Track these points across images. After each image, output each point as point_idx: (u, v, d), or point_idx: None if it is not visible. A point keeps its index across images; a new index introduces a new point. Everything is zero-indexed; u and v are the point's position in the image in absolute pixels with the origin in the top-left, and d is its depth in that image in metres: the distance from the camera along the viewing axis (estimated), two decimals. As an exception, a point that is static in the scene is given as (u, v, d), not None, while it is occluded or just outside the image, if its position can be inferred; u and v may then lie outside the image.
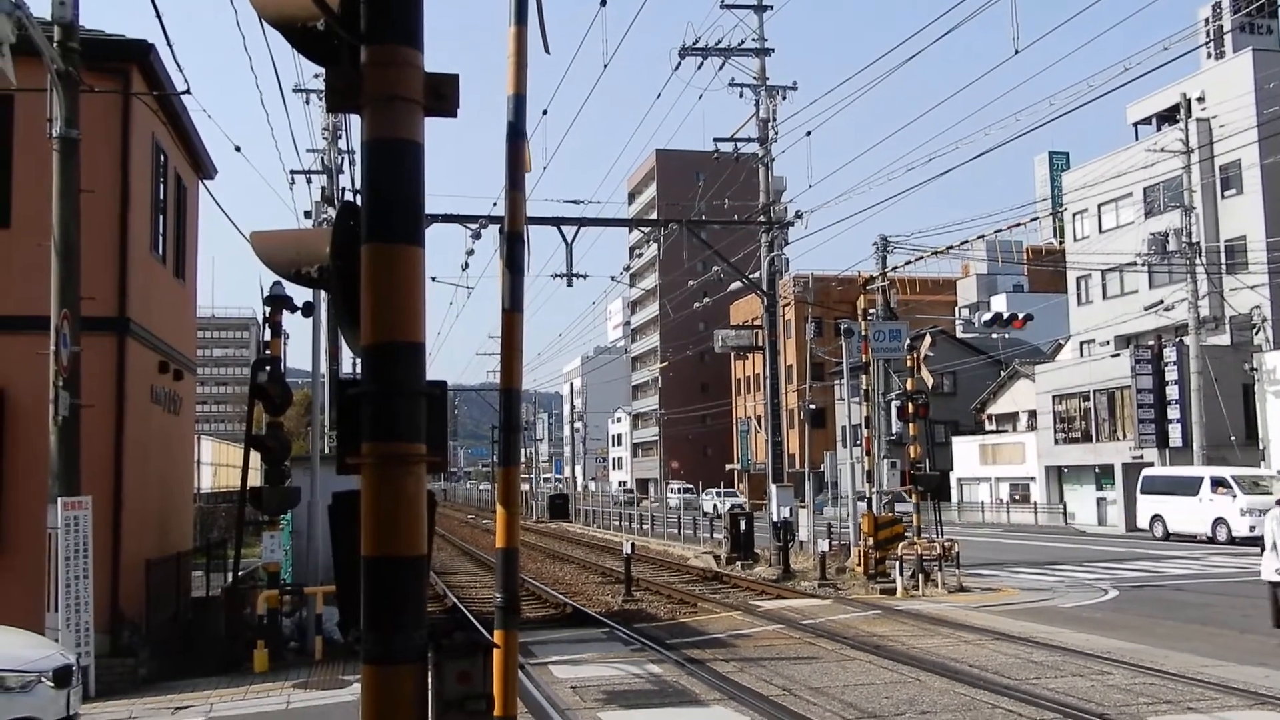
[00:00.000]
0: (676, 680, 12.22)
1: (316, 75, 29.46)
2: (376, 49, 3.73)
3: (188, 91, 13.60)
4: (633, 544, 23.91)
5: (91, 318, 12.14)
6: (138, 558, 14.19)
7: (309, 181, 30.90)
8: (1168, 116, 45.76)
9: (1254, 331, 38.68)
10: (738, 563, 26.39)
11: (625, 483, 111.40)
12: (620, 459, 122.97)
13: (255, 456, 14.97)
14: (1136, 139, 48.76)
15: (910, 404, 22.44)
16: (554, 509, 60.21)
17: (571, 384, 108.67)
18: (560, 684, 12.00)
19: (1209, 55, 46.10)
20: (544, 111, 28.00)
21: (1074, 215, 51.76)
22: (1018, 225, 31.88)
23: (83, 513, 11.33)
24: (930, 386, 25.08)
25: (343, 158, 30.25)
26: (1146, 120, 49.36)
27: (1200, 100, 42.63)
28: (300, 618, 14.95)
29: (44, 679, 8.24)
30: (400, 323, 3.70)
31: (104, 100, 13.16)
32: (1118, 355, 43.44)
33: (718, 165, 30.31)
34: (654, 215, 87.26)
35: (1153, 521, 35.81)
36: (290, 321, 15.87)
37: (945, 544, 20.91)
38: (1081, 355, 49.57)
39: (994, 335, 55.29)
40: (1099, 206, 48.90)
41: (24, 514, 12.57)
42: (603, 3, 21.47)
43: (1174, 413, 38.11)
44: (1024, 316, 36.10)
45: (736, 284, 33.10)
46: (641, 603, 20.85)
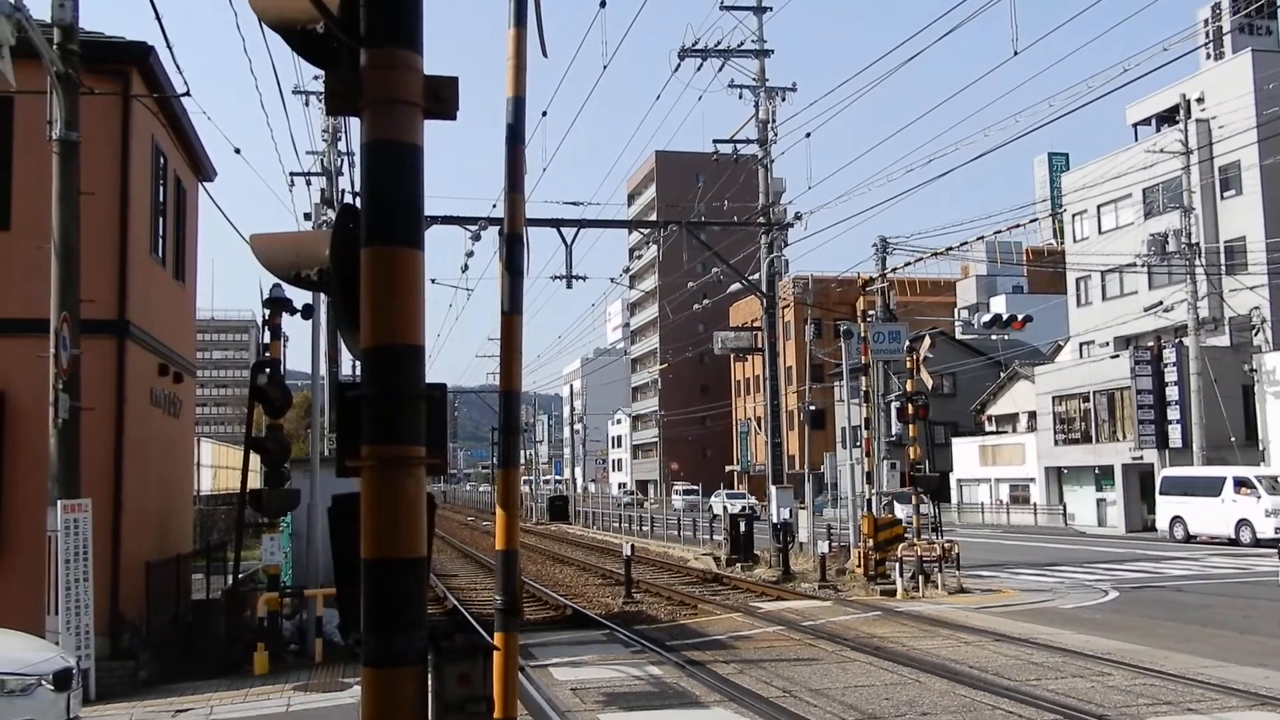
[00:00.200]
0: (677, 682, 12.22)
1: (316, 77, 29.49)
2: (376, 52, 3.74)
3: (187, 94, 13.62)
4: (632, 546, 23.90)
5: (91, 320, 12.14)
6: (138, 560, 14.19)
7: (308, 183, 30.91)
8: (1167, 117, 45.79)
9: (1253, 332, 38.69)
10: (738, 564, 26.38)
11: (625, 484, 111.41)
12: (620, 461, 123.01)
13: (255, 459, 14.98)
14: (1136, 140, 48.79)
15: (910, 405, 22.45)
16: (554, 511, 60.30)
17: (571, 386, 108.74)
18: (560, 686, 12.00)
19: (1208, 56, 46.14)
20: (543, 113, 28.00)
21: (1073, 216, 51.78)
22: (1017, 226, 31.96)
23: (82, 515, 11.33)
24: (930, 388, 25.09)
25: (342, 160, 30.28)
26: (1146, 121, 49.40)
27: (1200, 101, 42.65)
28: (300, 620, 14.95)
29: (44, 682, 8.23)
30: (400, 325, 3.71)
31: (104, 102, 13.16)
32: (1117, 356, 43.44)
33: (717, 167, 30.32)
34: (653, 217, 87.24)
35: (1173, 523, 34.89)
36: (290, 324, 15.94)
37: (945, 545, 20.92)
38: (1081, 356, 49.58)
39: (993, 336, 55.33)
40: (1098, 207, 48.92)
41: (24, 516, 12.56)
42: (602, 4, 21.50)
43: (1174, 414, 38.06)
44: (1023, 318, 36.00)
45: (736, 285, 33.14)
46: (642, 604, 20.85)
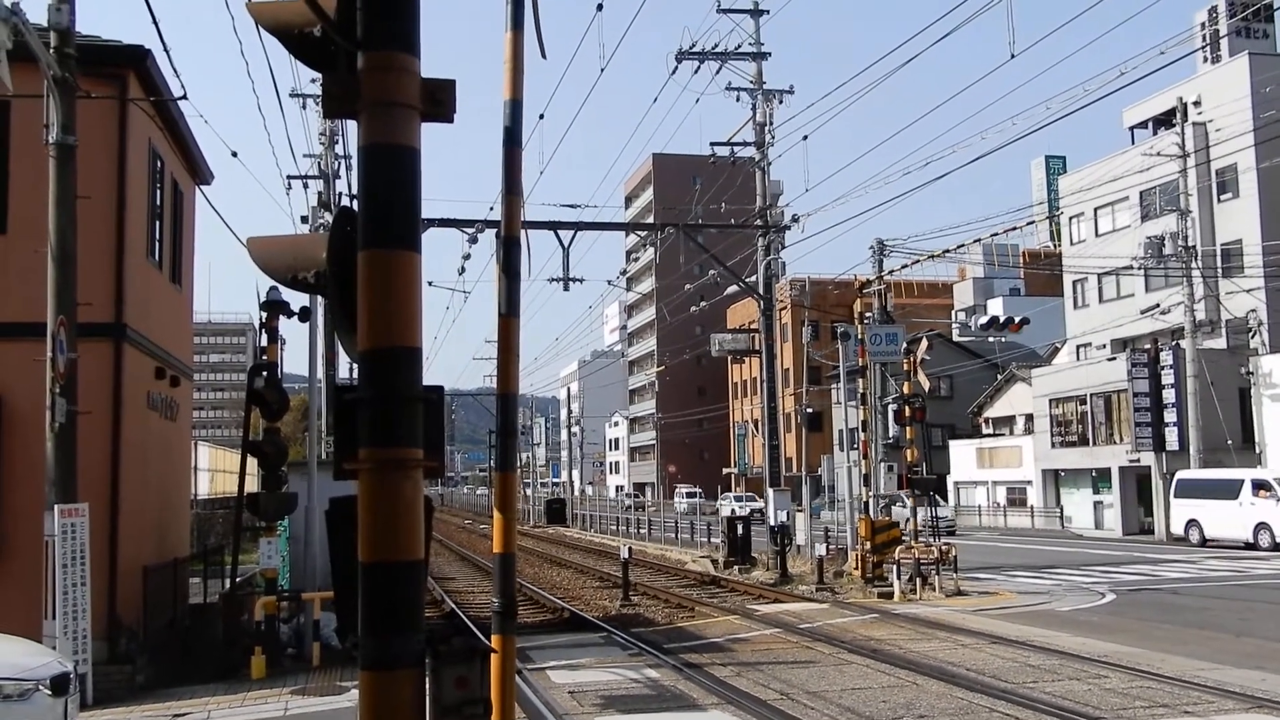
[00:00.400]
0: (674, 685, 12.22)
1: (313, 80, 29.49)
2: (373, 55, 3.75)
3: (184, 97, 13.66)
4: (630, 548, 23.90)
5: (88, 324, 12.13)
6: (135, 564, 14.17)
7: (305, 186, 30.87)
8: (1164, 120, 45.82)
9: (1250, 335, 38.73)
10: (735, 567, 26.38)
11: (622, 487, 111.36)
12: (617, 463, 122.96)
13: (252, 462, 14.98)
14: (1133, 143, 48.81)
15: (907, 407, 22.46)
16: (551, 513, 60.41)
17: (568, 388, 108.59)
18: (558, 689, 11.99)
19: (1205, 59, 46.20)
20: (540, 116, 27.98)
21: (1070, 219, 51.80)
22: (1014, 229, 31.87)
23: (79, 519, 11.31)
24: (927, 390, 25.07)
25: (339, 163, 30.25)
26: (1143, 124, 49.44)
27: (1197, 104, 42.69)
28: (298, 624, 14.94)
29: (41, 687, 8.21)
30: (397, 328, 3.71)
31: (101, 106, 13.16)
32: (1114, 359, 43.45)
33: (714, 169, 30.33)
34: (651, 219, 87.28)
35: (1188, 527, 34.16)
36: (287, 327, 15.88)
37: (942, 548, 20.93)
38: (1078, 359, 49.59)
39: (990, 339, 55.37)
40: (1095, 210, 48.95)
41: (22, 520, 12.54)
42: (599, 7, 21.52)
43: (1170, 416, 38.05)
44: (1020, 320, 36.02)
45: (733, 288, 33.12)
46: (639, 607, 20.84)
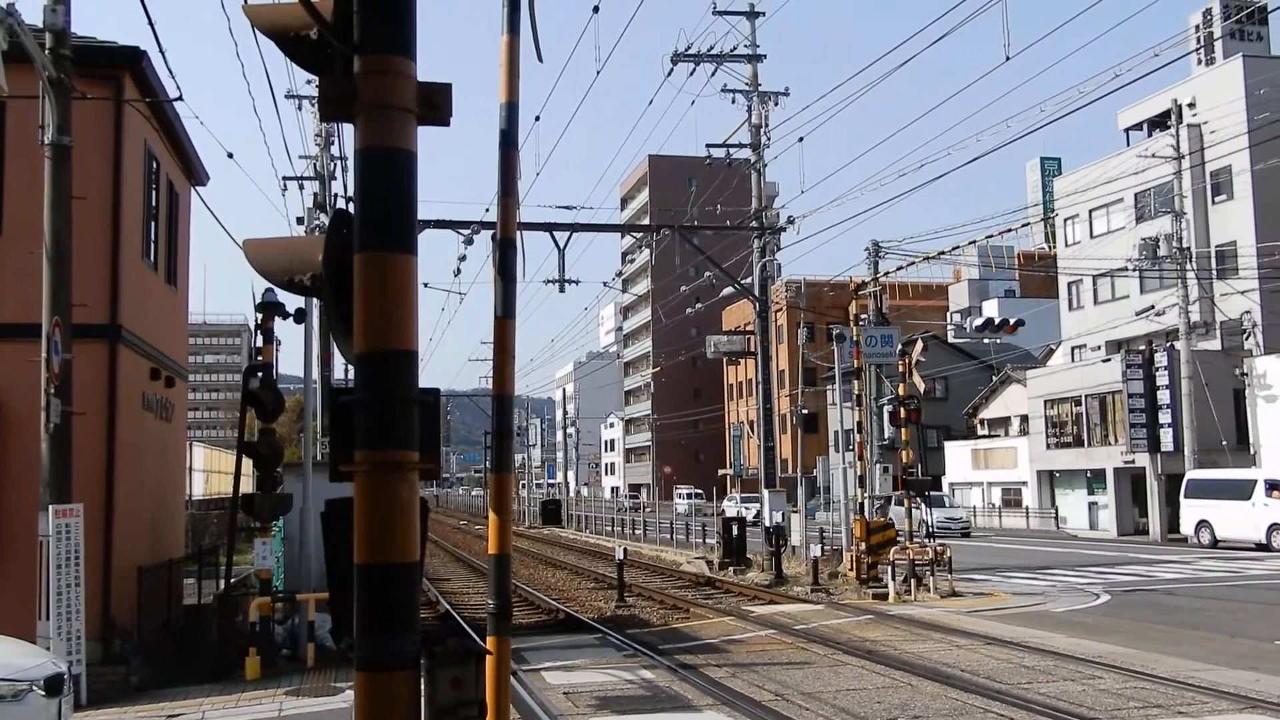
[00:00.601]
0: (669, 686, 12.23)
1: (309, 81, 29.40)
2: (370, 58, 3.75)
3: (180, 98, 13.61)
4: (625, 549, 23.91)
5: (83, 325, 12.12)
6: (130, 565, 14.17)
7: (301, 187, 30.86)
8: (1159, 122, 45.91)
9: (1244, 336, 38.84)
10: (730, 568, 26.40)
11: (618, 488, 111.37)
12: (613, 464, 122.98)
13: (247, 463, 14.98)
14: (1128, 145, 48.90)
15: (902, 409, 22.49)
16: (546, 515, 60.37)
17: (564, 389, 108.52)
18: (553, 690, 12.00)
19: (1200, 61, 46.32)
20: (536, 118, 27.93)
21: (1065, 220, 51.90)
22: (1009, 230, 31.86)
23: (74, 520, 11.30)
24: (922, 391, 25.11)
25: (335, 164, 30.19)
26: (1138, 126, 49.54)
27: (1191, 106, 42.78)
28: (293, 625, 14.94)
29: (35, 687, 8.20)
30: (393, 331, 3.72)
31: (96, 107, 13.16)
32: (1109, 360, 43.53)
33: (710, 171, 30.35)
34: (646, 221, 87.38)
35: (1198, 528, 33.72)
36: (282, 328, 15.82)
37: (937, 549, 20.96)
38: (1073, 360, 49.69)
39: (986, 340, 55.36)
40: (1090, 212, 49.04)
41: (16, 521, 12.54)
42: (595, 9, 21.53)
43: (1165, 417, 38.14)
44: (1015, 321, 35.98)
45: (729, 289, 33.17)
46: (634, 608, 20.84)
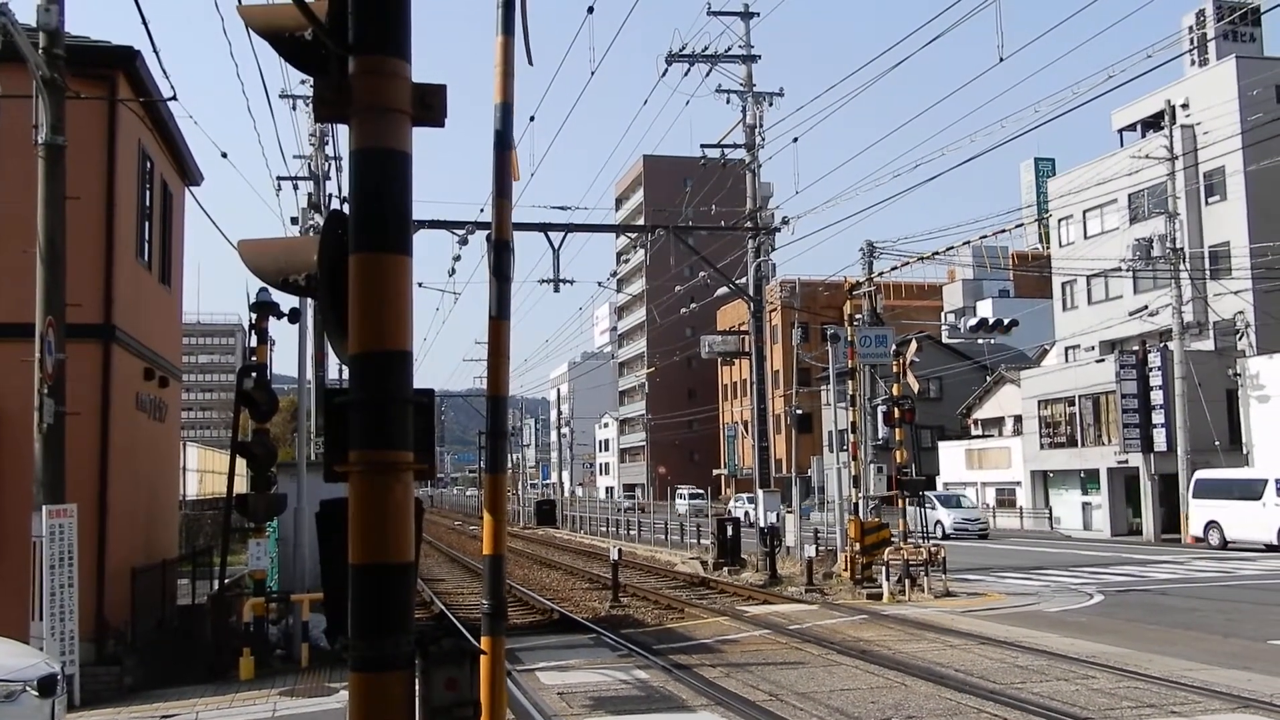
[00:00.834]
0: (663, 686, 12.24)
1: (303, 81, 29.36)
2: (364, 59, 3.76)
3: (174, 98, 13.57)
4: (620, 550, 23.92)
5: (77, 325, 12.10)
6: (123, 565, 14.14)
7: (296, 187, 30.83)
8: (1152, 123, 46.02)
9: (1237, 337, 38.91)
10: (725, 568, 26.40)
11: (613, 488, 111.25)
12: (607, 465, 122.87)
13: (241, 463, 14.95)
14: (1121, 145, 49.02)
15: (896, 409, 22.51)
16: (541, 515, 60.31)
17: (559, 390, 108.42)
18: (547, 690, 12.01)
19: (1193, 62, 46.41)
20: (531, 118, 27.99)
21: (1059, 221, 51.97)
22: (1003, 231, 31.87)
23: (67, 520, 11.28)
24: (916, 391, 25.10)
25: (330, 164, 30.18)
26: (1131, 127, 49.65)
27: (1184, 107, 42.86)
28: (287, 625, 14.93)
29: (28, 688, 8.19)
30: (388, 331, 3.72)
31: (90, 107, 13.13)
32: (1103, 360, 43.58)
33: (705, 171, 30.33)
34: (641, 221, 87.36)
35: (1207, 528, 33.14)
36: (276, 328, 15.81)
37: (931, 549, 20.98)
38: (1067, 360, 49.76)
39: (980, 340, 55.44)
40: (1084, 212, 49.12)
41: (9, 522, 12.51)
42: (590, 10, 21.51)
43: (1158, 418, 38.19)
44: (1009, 322, 36.09)
45: (723, 290, 33.17)
46: (629, 608, 20.85)
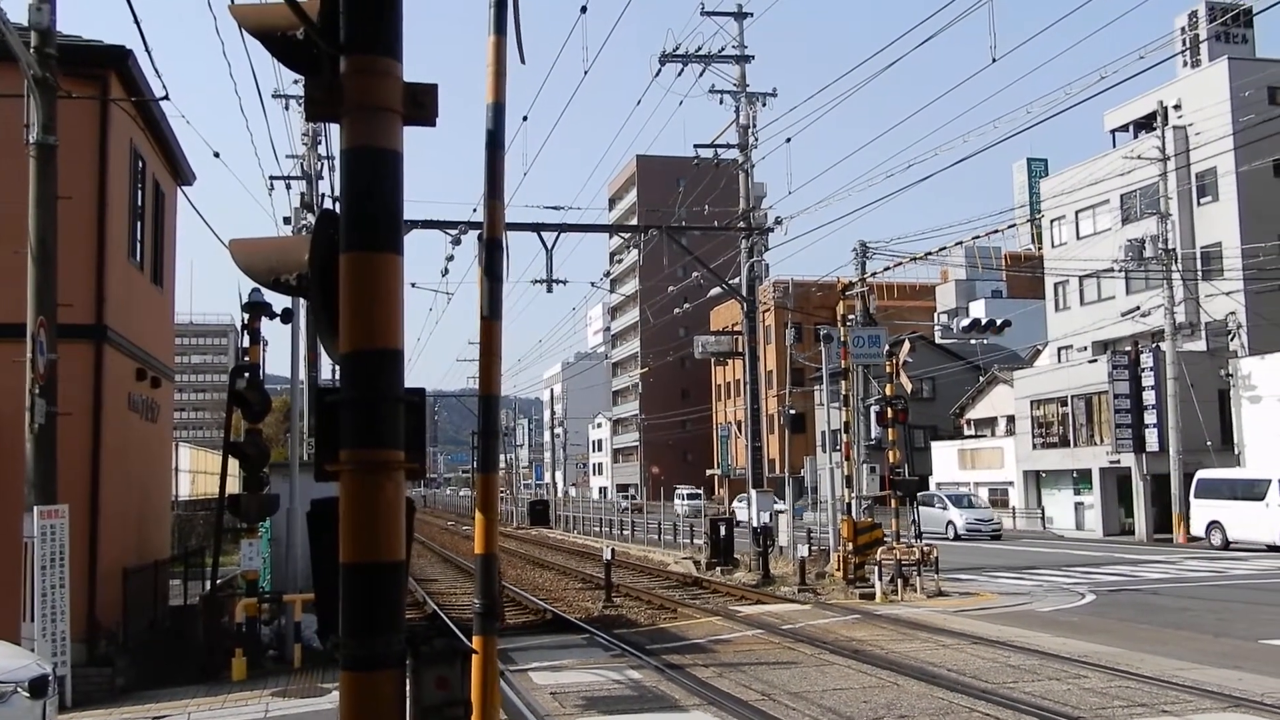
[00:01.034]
0: (656, 686, 12.24)
1: (296, 81, 29.32)
2: (356, 59, 3.76)
3: (166, 98, 13.58)
4: (613, 550, 23.92)
5: (68, 325, 12.07)
6: (115, 566, 14.11)
7: (288, 187, 30.73)
8: (1144, 124, 46.09)
9: (1229, 337, 39.02)
10: (717, 568, 26.42)
11: (606, 488, 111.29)
12: (601, 465, 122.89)
13: (234, 463, 14.94)
14: (1114, 146, 49.11)
15: (889, 409, 22.54)
16: (534, 515, 60.29)
17: (552, 390, 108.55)
18: (540, 690, 12.00)
19: (1185, 63, 46.52)
20: (524, 118, 28.00)
21: (1052, 221, 52.08)
22: (996, 231, 31.97)
23: (59, 521, 11.25)
24: (909, 392, 25.20)
25: (322, 163, 30.11)
26: (1123, 128, 49.75)
27: (1177, 108, 42.98)
28: (279, 625, 14.91)
29: (19, 689, 8.17)
30: (379, 330, 3.72)
31: (82, 106, 13.10)
32: (1095, 361, 43.69)
33: (698, 171, 30.36)
34: (634, 221, 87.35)
35: (1209, 529, 32.98)
36: (269, 328, 15.85)
37: (924, 549, 21.01)
38: (1059, 361, 49.85)
39: (972, 341, 55.56)
40: (1077, 213, 49.22)
41: (2, 522, 12.45)
42: (583, 9, 21.53)
43: (1151, 418, 38.27)
44: (1002, 322, 36.17)
45: (716, 290, 33.14)
46: (621, 608, 20.85)
